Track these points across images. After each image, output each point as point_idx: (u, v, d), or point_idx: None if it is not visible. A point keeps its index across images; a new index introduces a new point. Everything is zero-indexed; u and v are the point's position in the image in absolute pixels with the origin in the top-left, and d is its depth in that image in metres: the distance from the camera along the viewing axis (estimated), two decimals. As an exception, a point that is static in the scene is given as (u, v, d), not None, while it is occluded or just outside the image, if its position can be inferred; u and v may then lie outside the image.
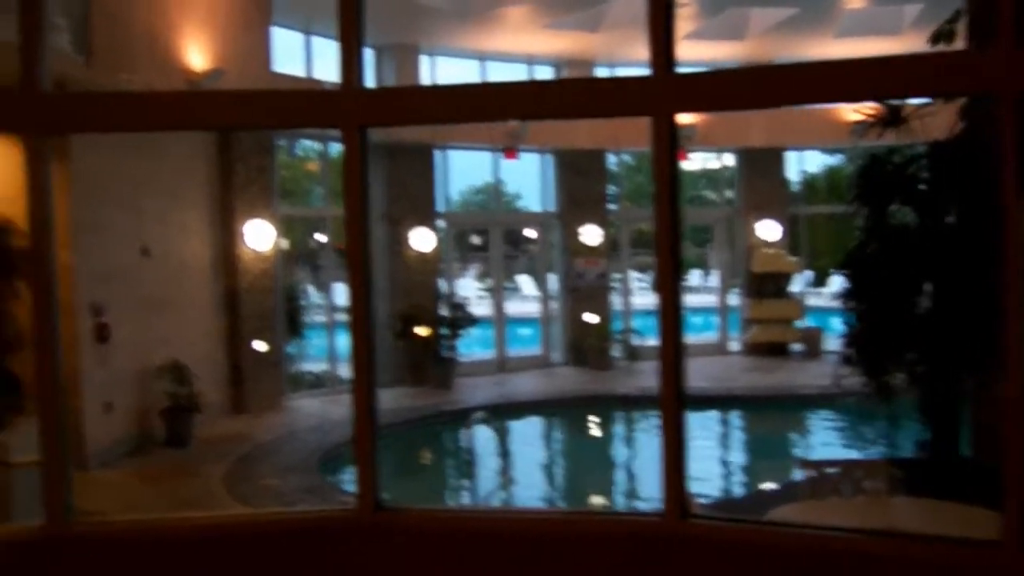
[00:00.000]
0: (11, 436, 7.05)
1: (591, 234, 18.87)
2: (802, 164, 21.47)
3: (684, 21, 15.83)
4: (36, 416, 3.08)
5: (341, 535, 3.08)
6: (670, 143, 3.01)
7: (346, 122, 3.06)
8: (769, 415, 14.82)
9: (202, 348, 13.16)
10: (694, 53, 16.85)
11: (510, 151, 17.43)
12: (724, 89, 2.92)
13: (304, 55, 16.04)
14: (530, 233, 21.48)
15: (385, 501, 3.11)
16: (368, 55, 17.01)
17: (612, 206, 20.03)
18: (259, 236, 14.22)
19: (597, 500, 11.48)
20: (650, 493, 10.57)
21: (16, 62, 2.99)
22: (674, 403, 2.94)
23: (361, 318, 3.14)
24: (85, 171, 10.62)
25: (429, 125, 11.22)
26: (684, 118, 17.42)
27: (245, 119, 3.55)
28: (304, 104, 3.30)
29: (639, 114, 2.96)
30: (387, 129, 15.50)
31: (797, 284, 20.53)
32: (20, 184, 3.11)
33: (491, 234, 19.39)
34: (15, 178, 3.12)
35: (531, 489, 11.61)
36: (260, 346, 14.22)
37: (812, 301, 21.94)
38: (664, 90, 2.87)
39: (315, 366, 16.75)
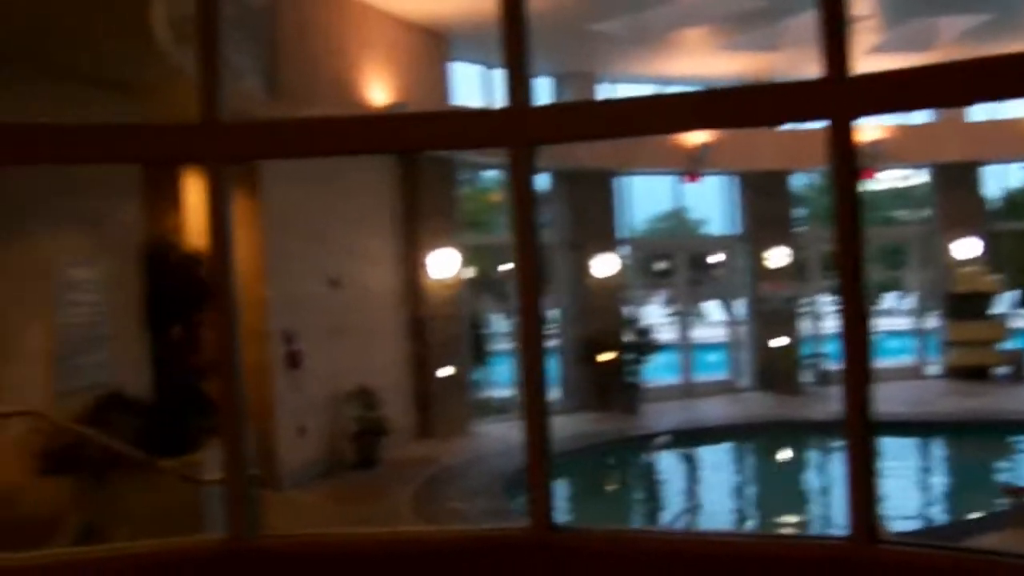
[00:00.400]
0: (207, 455, 7.36)
1: (778, 257, 18.44)
2: (1003, 179, 20.47)
3: (866, 34, 15.31)
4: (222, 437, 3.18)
5: (515, 554, 3.06)
6: (849, 151, 2.89)
7: (513, 140, 3.06)
8: (970, 441, 14.10)
9: (389, 374, 13.46)
10: (877, 67, 16.15)
11: (692, 174, 17.25)
12: (905, 88, 2.78)
13: (485, 88, 16.30)
14: (716, 257, 21.13)
15: (561, 522, 3.07)
16: (546, 84, 17.18)
17: (801, 228, 19.54)
18: (443, 265, 14.46)
19: (785, 525, 11.15)
20: (842, 520, 10.19)
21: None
22: (860, 425, 2.81)
23: (532, 337, 3.12)
24: (275, 204, 11.07)
25: (600, 140, 11.21)
26: (871, 134, 16.93)
27: (417, 140, 3.59)
28: (473, 124, 3.32)
29: (815, 118, 2.86)
30: (568, 156, 15.60)
31: (999, 304, 19.53)
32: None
33: (676, 259, 19.23)
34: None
35: (717, 514, 11.38)
36: (446, 372, 14.44)
37: (1016, 322, 20.82)
38: (841, 91, 2.76)
39: (501, 393, 16.89)
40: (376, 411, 12.31)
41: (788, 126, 18.16)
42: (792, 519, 11.46)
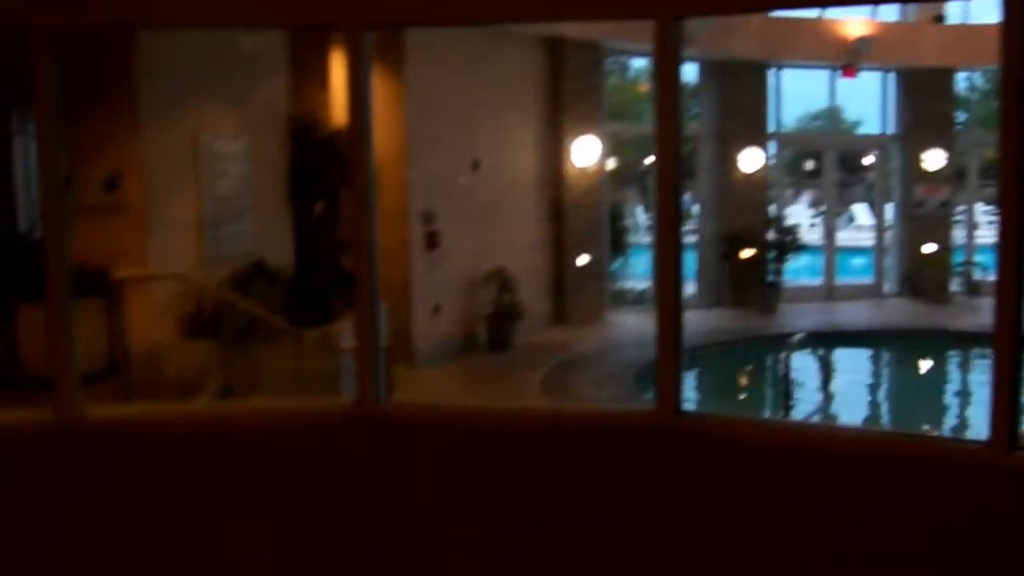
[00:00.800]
0: (343, 326, 7.54)
1: (934, 160, 17.64)
2: None
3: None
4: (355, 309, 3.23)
5: (640, 435, 3.04)
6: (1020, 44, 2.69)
7: (658, 12, 2.94)
8: None
9: (527, 259, 13.50)
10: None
11: (849, 68, 16.56)
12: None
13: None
14: (867, 159, 20.41)
15: (687, 409, 3.04)
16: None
17: (961, 131, 18.62)
18: (586, 153, 14.32)
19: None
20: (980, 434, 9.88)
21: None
22: (1010, 335, 2.69)
23: (669, 219, 3.04)
24: (420, 88, 11.13)
25: (746, 14, 10.68)
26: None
27: (560, 11, 3.51)
28: (617, -5, 3.21)
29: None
30: (720, 45, 15.14)
31: None
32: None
33: (825, 158, 18.62)
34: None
35: (849, 417, 11.20)
36: (583, 260, 14.42)
37: None
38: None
39: (637, 285, 16.81)
40: (511, 294, 12.42)
41: (956, 20, 17.28)
42: (926, 426, 11.21)
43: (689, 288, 16.14)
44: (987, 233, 19.19)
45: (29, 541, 3.12)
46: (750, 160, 16.54)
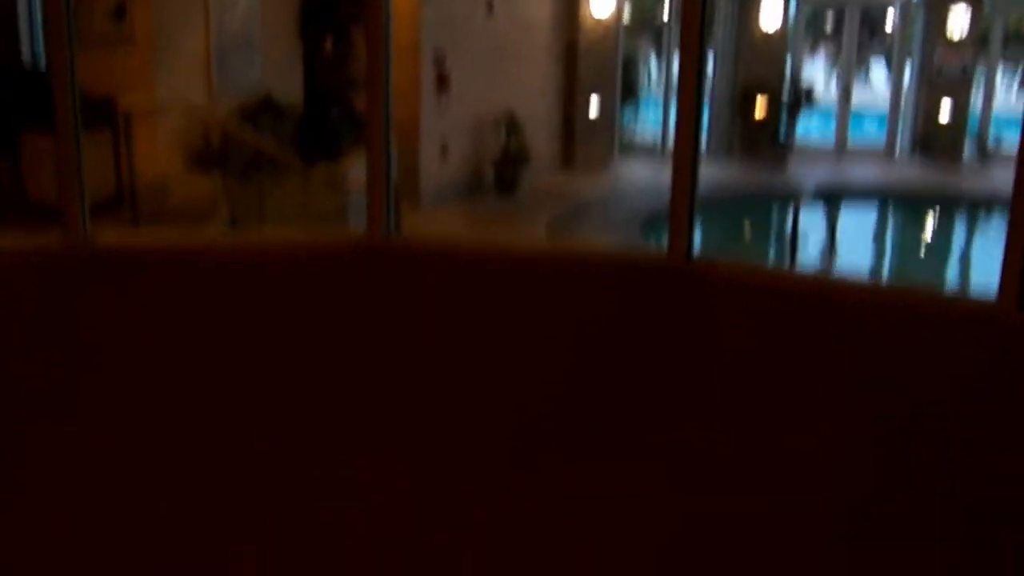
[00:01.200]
0: (351, 164, 7.52)
1: (959, 21, 17.16)
2: None
3: None
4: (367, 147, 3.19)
5: (651, 278, 3.04)
6: None
7: None
8: None
9: (538, 104, 13.36)
10: None
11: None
12: None
13: None
14: (889, 21, 19.89)
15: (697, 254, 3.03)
16: None
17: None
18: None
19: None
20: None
21: None
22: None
23: (691, 48, 2.97)
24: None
25: None
26: None
27: None
28: None
29: None
30: None
31: None
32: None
33: (847, 14, 18.15)
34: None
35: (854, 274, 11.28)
36: (594, 106, 14.27)
37: None
38: None
39: (646, 135, 16.68)
40: (519, 138, 12.32)
41: None
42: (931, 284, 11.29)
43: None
44: (1005, 101, 18.90)
45: (38, 366, 3.15)
46: (770, 14, 16.15)
